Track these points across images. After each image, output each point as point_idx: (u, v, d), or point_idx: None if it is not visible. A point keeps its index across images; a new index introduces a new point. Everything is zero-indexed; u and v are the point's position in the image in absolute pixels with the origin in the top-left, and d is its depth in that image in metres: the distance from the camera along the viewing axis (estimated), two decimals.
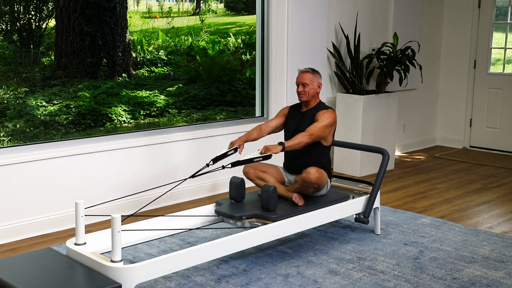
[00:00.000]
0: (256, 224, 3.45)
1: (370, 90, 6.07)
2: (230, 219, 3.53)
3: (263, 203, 3.50)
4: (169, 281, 3.27)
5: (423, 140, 7.28)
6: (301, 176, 3.65)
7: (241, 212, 3.50)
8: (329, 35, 5.84)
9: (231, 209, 3.57)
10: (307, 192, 3.72)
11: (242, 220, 3.48)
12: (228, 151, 3.72)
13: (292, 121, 3.90)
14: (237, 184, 3.66)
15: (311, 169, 3.61)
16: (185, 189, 4.83)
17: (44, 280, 2.64)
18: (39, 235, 4.07)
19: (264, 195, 3.48)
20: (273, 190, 3.48)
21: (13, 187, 3.95)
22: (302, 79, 3.80)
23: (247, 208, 3.57)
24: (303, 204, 3.66)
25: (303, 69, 3.90)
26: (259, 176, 3.79)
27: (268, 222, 3.41)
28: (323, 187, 3.73)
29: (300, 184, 3.65)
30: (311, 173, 3.59)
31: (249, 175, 3.80)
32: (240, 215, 3.47)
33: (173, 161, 4.79)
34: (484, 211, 4.68)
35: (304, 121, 3.82)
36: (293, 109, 3.97)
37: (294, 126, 3.86)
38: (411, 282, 3.29)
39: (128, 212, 4.37)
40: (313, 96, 3.82)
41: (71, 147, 4.21)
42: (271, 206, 3.48)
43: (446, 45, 7.27)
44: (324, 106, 3.85)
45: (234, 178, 3.69)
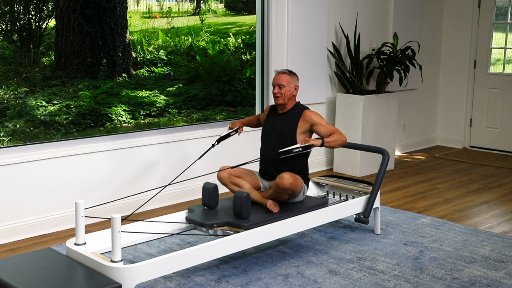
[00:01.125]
0: (228, 232, 3.33)
1: (370, 90, 6.07)
2: (201, 226, 3.40)
3: (236, 210, 3.36)
4: (169, 281, 3.27)
5: (423, 140, 7.28)
6: (275, 181, 3.51)
7: (213, 220, 3.37)
8: (329, 35, 5.85)
9: (202, 216, 3.43)
10: (281, 199, 3.58)
11: (213, 228, 3.36)
12: (230, 132, 3.94)
13: (269, 122, 3.82)
14: (210, 190, 3.53)
15: (285, 174, 3.47)
16: (187, 189, 4.83)
17: (44, 280, 2.64)
18: (39, 235, 4.07)
19: (236, 202, 3.34)
20: (246, 197, 3.34)
21: (13, 187, 3.95)
22: (278, 80, 3.69)
23: (220, 216, 3.44)
24: (278, 211, 3.53)
25: (280, 70, 3.81)
26: (234, 182, 3.65)
27: (240, 230, 3.28)
28: (299, 193, 3.61)
29: (274, 190, 3.52)
30: (284, 178, 3.45)
31: (223, 180, 3.66)
32: (211, 223, 3.34)
33: (173, 161, 4.79)
34: (484, 211, 4.68)
35: (282, 123, 3.72)
36: (272, 109, 3.88)
37: (270, 127, 3.78)
38: (411, 282, 3.29)
39: (128, 212, 4.37)
40: (289, 99, 3.71)
41: (71, 147, 4.21)
42: (244, 214, 3.34)
43: (446, 45, 7.27)
44: (304, 106, 3.76)
45: (207, 184, 3.56)
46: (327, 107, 5.98)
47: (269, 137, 3.77)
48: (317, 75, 5.73)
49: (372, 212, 3.98)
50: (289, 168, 3.64)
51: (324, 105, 5.92)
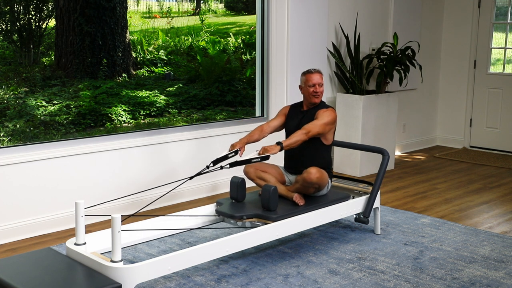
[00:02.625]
0: (256, 224, 3.45)
1: (370, 90, 6.07)
2: (230, 219, 3.53)
3: (264, 203, 3.50)
4: (169, 281, 3.27)
5: (423, 140, 7.28)
6: (301, 176, 3.65)
7: (242, 212, 3.50)
8: (329, 35, 5.85)
9: (231, 209, 3.57)
10: (307, 192, 3.72)
11: (242, 220, 3.48)
12: (228, 153, 3.70)
13: (292, 120, 3.90)
14: (238, 184, 3.66)
15: (312, 169, 3.61)
16: (186, 189, 4.83)
17: (44, 280, 2.63)
18: (39, 235, 4.07)
19: (264, 195, 3.48)
20: (274, 190, 3.48)
21: (13, 187, 3.95)
22: (317, 80, 3.81)
23: (248, 208, 3.58)
24: (303, 204, 3.66)
25: (312, 69, 3.88)
26: (260, 176, 3.79)
27: (268, 222, 3.41)
28: (324, 187, 3.73)
29: (300, 184, 3.65)
30: (312, 173, 3.59)
31: (250, 174, 3.81)
32: (241, 215, 3.47)
33: (173, 161, 4.79)
34: (484, 211, 4.68)
35: (306, 120, 3.82)
36: (293, 108, 3.97)
37: (295, 125, 3.86)
38: (411, 282, 3.29)
39: (128, 212, 4.37)
40: None
41: (71, 147, 4.21)
42: (272, 206, 3.48)
43: (446, 45, 7.27)
44: (325, 105, 3.87)
45: (234, 178, 3.69)
46: None
47: None
48: None
49: (372, 212, 3.98)
50: (315, 163, 3.76)
51: None
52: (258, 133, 3.89)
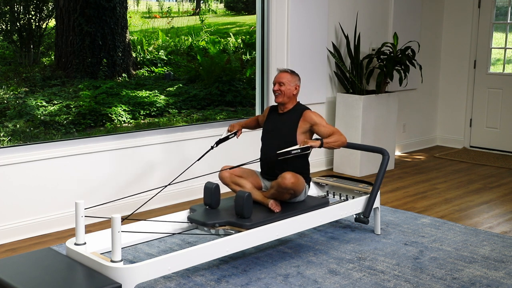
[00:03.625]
0: (229, 231, 3.33)
1: (370, 90, 6.07)
2: (203, 226, 3.40)
3: (238, 209, 3.37)
4: (169, 281, 3.27)
5: (423, 140, 7.28)
6: (276, 181, 3.52)
7: (215, 219, 3.38)
8: (329, 35, 5.85)
9: (204, 216, 3.44)
10: (283, 198, 3.59)
11: (215, 228, 3.36)
12: (229, 134, 3.91)
13: (269, 121, 3.82)
14: (212, 190, 3.54)
15: (286, 174, 3.48)
16: (186, 189, 4.83)
17: (44, 280, 2.64)
18: (39, 235, 4.07)
19: (238, 201, 3.35)
20: (248, 196, 3.35)
21: (13, 187, 3.95)
22: (279, 78, 3.70)
23: (221, 215, 3.45)
24: (279, 210, 3.54)
25: (282, 68, 3.85)
26: (235, 181, 3.66)
27: (242, 230, 3.28)
28: (300, 192, 3.61)
29: (275, 189, 3.53)
30: (286, 178, 3.46)
31: (225, 180, 3.67)
32: (213, 223, 3.35)
33: (173, 161, 4.79)
34: (484, 211, 4.68)
35: (282, 123, 3.72)
36: (272, 110, 3.88)
37: (271, 126, 3.78)
38: (411, 282, 3.29)
39: (129, 212, 4.37)
40: (289, 98, 3.71)
41: (71, 147, 4.21)
42: (246, 213, 3.35)
43: (446, 45, 7.27)
44: (304, 106, 3.76)
45: (208, 184, 3.57)
46: (327, 107, 5.98)
47: (269, 137, 3.77)
48: (317, 75, 5.73)
49: (372, 212, 3.98)
50: (291, 168, 3.63)
51: (324, 105, 5.92)
52: (254, 123, 4.01)
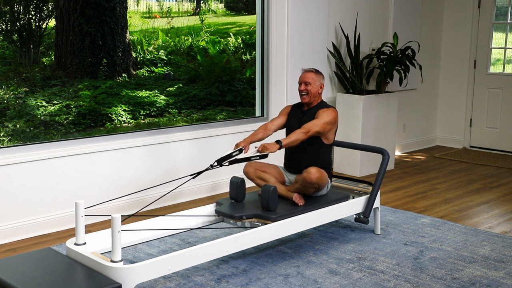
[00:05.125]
0: (256, 224, 3.45)
1: (370, 90, 6.07)
2: (230, 219, 3.53)
3: (264, 203, 3.49)
4: (169, 281, 3.27)
5: (423, 140, 7.28)
6: (301, 176, 3.64)
7: (242, 212, 3.50)
8: (329, 35, 5.85)
9: (231, 209, 3.57)
10: (307, 192, 3.71)
11: (242, 220, 3.48)
12: (233, 151, 3.68)
13: (293, 119, 3.90)
14: (238, 184, 3.66)
15: (311, 169, 3.60)
16: (186, 189, 4.83)
17: (44, 280, 2.64)
18: (39, 235, 4.07)
19: (264, 195, 3.48)
20: (274, 190, 3.48)
21: (13, 187, 3.95)
22: (305, 78, 3.81)
23: (248, 208, 3.57)
24: (303, 204, 3.66)
25: (306, 68, 3.91)
26: (260, 176, 3.78)
27: (268, 222, 3.41)
28: (324, 187, 3.73)
29: (300, 184, 3.65)
30: (311, 173, 3.58)
31: (250, 174, 3.80)
32: (240, 215, 3.47)
33: (173, 161, 4.79)
34: (484, 211, 4.68)
35: (306, 119, 3.81)
36: (295, 107, 3.97)
37: (296, 124, 3.86)
38: (411, 282, 3.29)
39: (128, 212, 4.37)
40: (315, 97, 3.82)
41: (71, 147, 4.21)
42: (272, 206, 3.48)
43: (446, 45, 7.27)
44: (326, 105, 3.86)
45: (234, 178, 3.68)
46: None
47: None
48: None
49: (372, 212, 3.98)
50: (315, 161, 3.74)
51: None
52: (262, 132, 3.87)
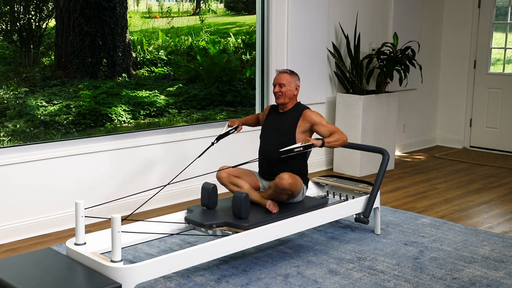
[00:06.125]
0: (227, 232, 3.32)
1: (370, 90, 6.07)
2: (200, 227, 3.39)
3: (235, 210, 3.36)
4: (169, 281, 3.27)
5: (423, 140, 7.28)
6: (274, 181, 3.51)
7: (212, 220, 3.36)
8: (329, 35, 5.85)
9: (201, 216, 3.43)
10: (281, 199, 3.58)
11: (213, 228, 3.35)
12: (229, 129, 3.91)
13: (269, 120, 3.82)
14: (209, 190, 3.52)
15: (284, 174, 3.47)
16: (186, 189, 4.83)
17: (44, 280, 2.64)
18: (39, 235, 4.07)
19: (236, 202, 3.34)
20: (245, 197, 3.34)
21: (13, 187, 3.95)
22: (279, 80, 3.70)
23: (219, 216, 3.44)
24: (277, 211, 3.52)
25: (281, 69, 3.83)
26: (233, 182, 3.65)
27: (239, 231, 3.28)
28: (298, 193, 3.60)
29: (273, 190, 3.51)
30: (284, 178, 3.44)
31: (223, 180, 3.66)
32: (210, 223, 3.33)
33: (173, 161, 4.79)
34: (484, 211, 4.68)
35: (282, 122, 3.72)
36: (272, 109, 3.88)
37: (270, 126, 3.78)
38: (411, 282, 3.29)
39: (128, 212, 4.37)
40: (290, 98, 3.71)
41: (71, 147, 4.21)
42: (243, 214, 3.33)
43: (446, 45, 7.27)
44: (304, 106, 3.76)
45: (206, 184, 3.55)
46: (327, 107, 5.98)
47: (268, 136, 3.78)
48: (317, 75, 5.73)
49: (372, 212, 3.98)
50: (289, 168, 3.63)
51: (324, 105, 5.92)
52: (254, 121, 4.02)
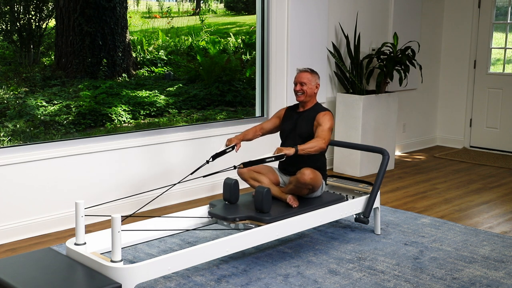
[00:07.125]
0: (249, 226, 3.41)
1: (370, 90, 6.07)
2: (223, 221, 3.50)
3: (257, 204, 3.46)
4: (169, 281, 3.27)
5: (423, 140, 7.28)
6: (295, 177, 3.62)
7: (235, 214, 3.46)
8: (329, 35, 5.85)
9: (224, 210, 3.53)
10: (301, 194, 3.69)
11: (235, 222, 3.45)
12: (226, 148, 3.77)
13: (288, 121, 3.89)
14: (231, 186, 3.62)
15: (305, 170, 3.58)
16: (186, 189, 4.83)
17: (44, 280, 2.64)
18: (39, 235, 4.07)
19: (258, 197, 3.45)
20: (267, 192, 3.45)
21: (13, 187, 3.95)
22: (300, 78, 3.79)
23: (241, 210, 3.54)
24: (297, 205, 3.63)
25: (301, 68, 3.90)
26: (254, 177, 3.75)
27: (261, 224, 3.38)
28: (318, 188, 3.71)
29: (294, 185, 3.63)
30: (305, 174, 3.56)
31: (244, 176, 3.77)
32: (234, 217, 3.44)
33: (173, 161, 4.79)
34: (484, 211, 4.68)
35: (301, 121, 3.80)
36: (290, 109, 3.96)
37: (290, 126, 3.85)
38: (411, 282, 3.29)
39: (128, 212, 4.37)
40: (311, 96, 3.82)
41: (71, 147, 4.21)
42: (265, 208, 3.45)
43: (446, 45, 7.27)
44: (322, 108, 3.84)
45: (228, 179, 3.66)
46: (327, 107, 5.98)
47: (289, 135, 3.85)
48: None
49: (372, 212, 3.98)
50: (309, 164, 3.71)
51: (324, 105, 5.91)
52: (252, 133, 3.96)
